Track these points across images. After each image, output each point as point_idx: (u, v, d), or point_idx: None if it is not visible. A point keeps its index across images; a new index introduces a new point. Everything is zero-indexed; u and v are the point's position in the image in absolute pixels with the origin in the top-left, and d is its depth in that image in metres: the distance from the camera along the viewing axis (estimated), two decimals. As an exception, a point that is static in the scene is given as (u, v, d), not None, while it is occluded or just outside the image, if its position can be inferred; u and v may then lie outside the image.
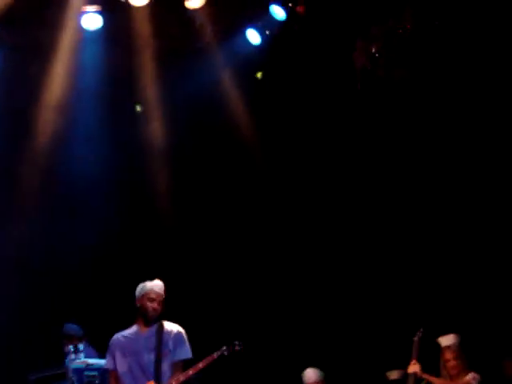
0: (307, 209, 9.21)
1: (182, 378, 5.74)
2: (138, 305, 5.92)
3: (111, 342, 5.99)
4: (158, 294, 5.89)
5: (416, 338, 6.78)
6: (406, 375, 6.73)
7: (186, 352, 5.89)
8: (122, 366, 5.85)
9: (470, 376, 6.41)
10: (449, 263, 8.56)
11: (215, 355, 5.76)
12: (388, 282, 8.86)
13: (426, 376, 6.51)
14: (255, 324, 8.75)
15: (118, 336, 5.99)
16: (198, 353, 5.89)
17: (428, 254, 8.70)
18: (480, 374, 6.45)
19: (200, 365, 5.75)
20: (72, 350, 6.78)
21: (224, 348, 5.79)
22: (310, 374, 7.01)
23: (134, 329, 5.97)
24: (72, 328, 7.65)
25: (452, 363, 6.50)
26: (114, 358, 5.90)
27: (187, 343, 5.92)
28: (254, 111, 8.83)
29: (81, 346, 6.86)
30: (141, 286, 5.97)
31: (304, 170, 9.16)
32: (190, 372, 5.76)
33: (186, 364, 5.86)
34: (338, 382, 7.04)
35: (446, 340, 6.65)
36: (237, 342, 5.81)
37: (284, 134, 9.07)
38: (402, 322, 8.04)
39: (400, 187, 8.81)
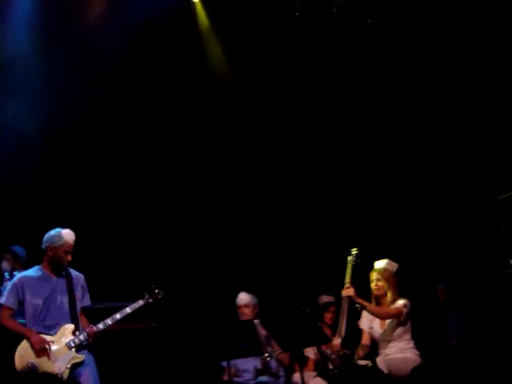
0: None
1: (100, 326, 5.82)
2: (50, 253, 5.87)
3: (19, 281, 5.90)
4: (72, 245, 5.90)
5: (351, 258, 6.60)
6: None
7: (89, 300, 6.04)
8: (32, 307, 5.80)
9: (400, 302, 6.46)
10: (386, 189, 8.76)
11: (141, 302, 5.96)
12: (326, 206, 8.99)
13: (359, 300, 6.35)
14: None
15: (27, 277, 5.91)
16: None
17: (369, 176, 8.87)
18: (411, 301, 6.51)
19: (128, 309, 5.89)
20: (7, 277, 6.69)
21: (147, 295, 5.98)
22: (243, 295, 7.10)
23: (42, 271, 5.94)
24: (20, 250, 7.27)
25: (374, 284, 6.55)
26: (17, 297, 5.81)
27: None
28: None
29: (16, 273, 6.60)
30: (55, 235, 5.88)
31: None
32: (118, 316, 5.88)
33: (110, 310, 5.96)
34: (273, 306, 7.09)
35: (379, 263, 6.67)
36: (157, 290, 6.03)
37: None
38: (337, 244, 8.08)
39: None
